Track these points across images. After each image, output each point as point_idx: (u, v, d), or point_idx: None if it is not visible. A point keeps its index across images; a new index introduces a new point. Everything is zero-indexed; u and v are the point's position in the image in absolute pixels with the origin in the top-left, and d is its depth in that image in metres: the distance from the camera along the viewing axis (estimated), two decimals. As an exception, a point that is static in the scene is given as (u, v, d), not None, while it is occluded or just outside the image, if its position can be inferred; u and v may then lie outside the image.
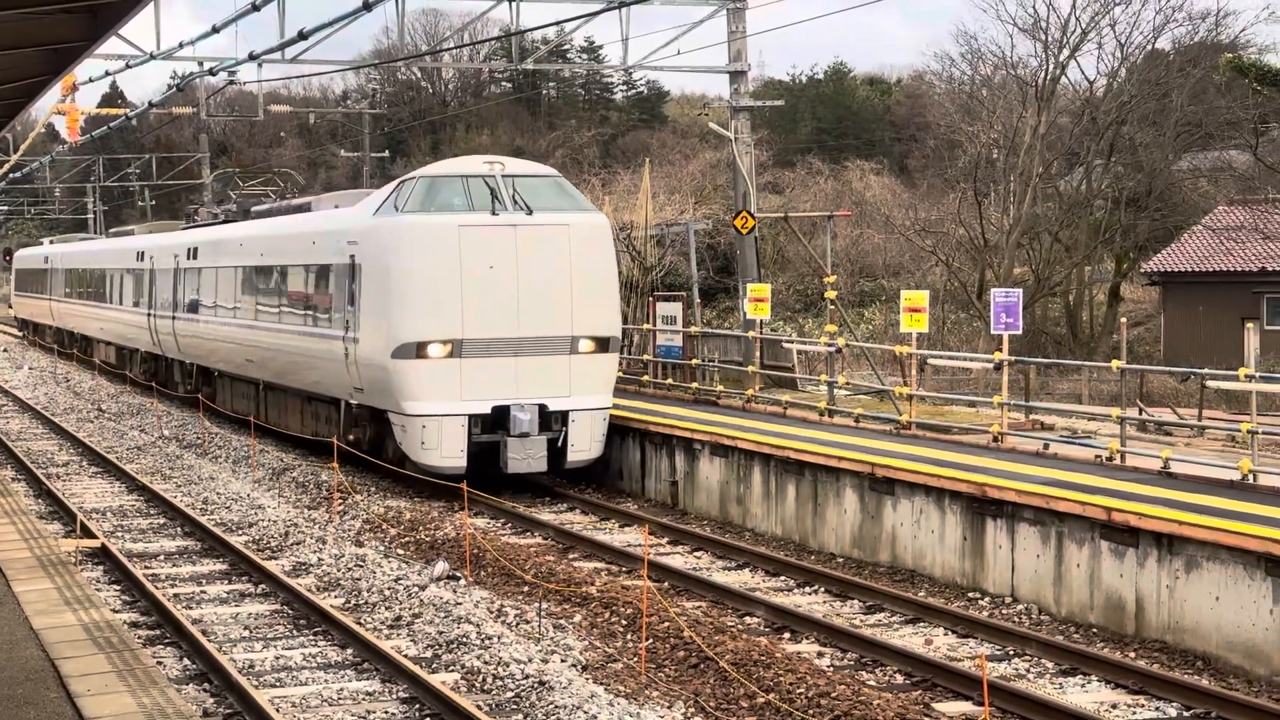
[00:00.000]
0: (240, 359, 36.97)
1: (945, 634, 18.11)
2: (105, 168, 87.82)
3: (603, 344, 27.30)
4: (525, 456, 25.50)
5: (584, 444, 26.67)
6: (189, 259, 41.48)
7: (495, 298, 25.72)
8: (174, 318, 42.51)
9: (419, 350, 25.38)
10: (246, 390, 37.32)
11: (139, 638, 16.05)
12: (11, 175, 76.36)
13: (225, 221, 42.31)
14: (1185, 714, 14.80)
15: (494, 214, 25.83)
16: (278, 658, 16.52)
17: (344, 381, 28.47)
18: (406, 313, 25.85)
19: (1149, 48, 64.66)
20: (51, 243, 73.84)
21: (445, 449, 25.30)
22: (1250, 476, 19.36)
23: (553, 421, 26.25)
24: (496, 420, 25.75)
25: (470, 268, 25.55)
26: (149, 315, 45.29)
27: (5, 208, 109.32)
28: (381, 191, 29.26)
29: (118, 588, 19.80)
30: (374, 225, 27.44)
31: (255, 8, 24.65)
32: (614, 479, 30.08)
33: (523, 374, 26.06)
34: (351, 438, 28.25)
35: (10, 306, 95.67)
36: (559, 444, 26.30)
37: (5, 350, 71.71)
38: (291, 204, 38.27)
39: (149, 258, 46.16)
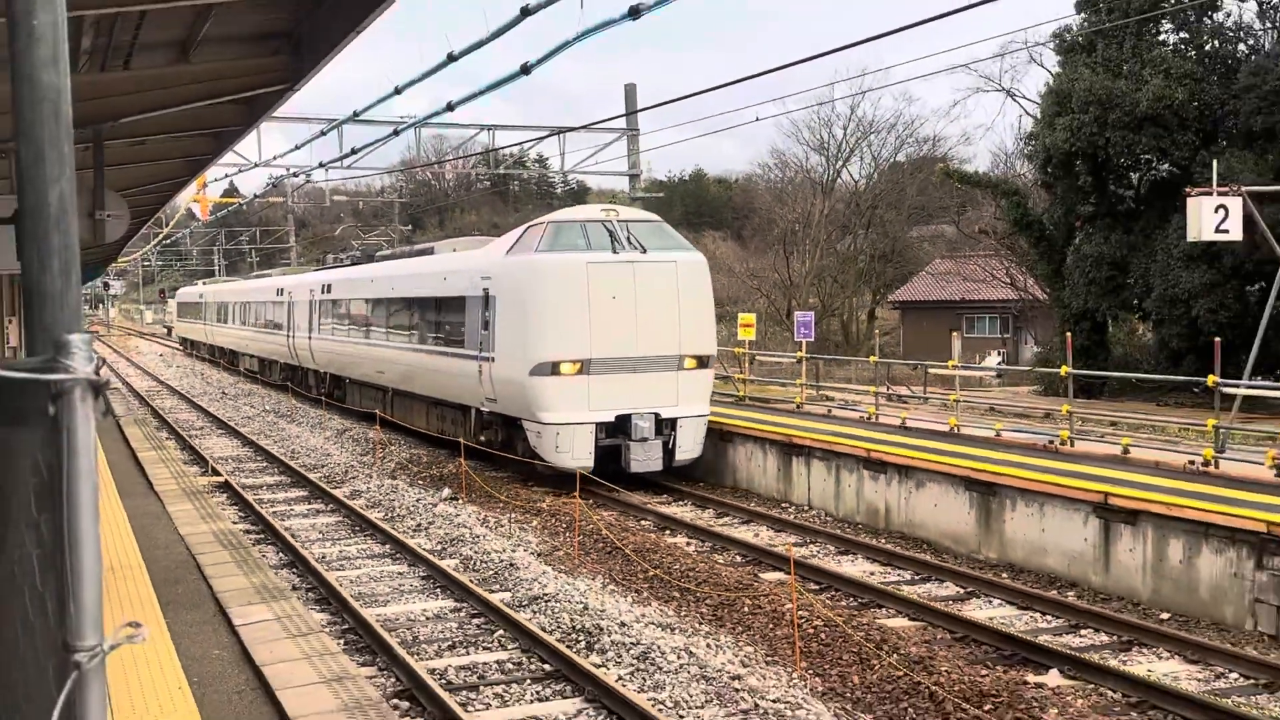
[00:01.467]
0: (372, 370, 30.25)
1: (767, 529, 18.22)
2: (225, 236, 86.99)
3: (703, 361, 21.60)
4: (646, 458, 20.45)
5: (689, 445, 21.30)
6: (323, 293, 34.89)
7: (617, 323, 20.44)
8: (310, 337, 36.04)
9: (554, 369, 20.18)
10: (374, 394, 30.82)
11: (250, 540, 15.96)
12: (164, 242, 75.58)
13: (353, 264, 35.91)
14: (915, 577, 15.04)
15: (615, 252, 20.63)
16: (340, 552, 16.49)
17: (476, 393, 22.64)
18: (543, 337, 20.40)
19: (892, 159, 65.62)
20: (204, 284, 70.30)
21: (576, 452, 20.16)
22: (956, 428, 19.63)
23: (664, 427, 21.09)
24: (618, 426, 20.61)
25: (597, 298, 20.27)
26: (288, 335, 39.15)
27: (160, 262, 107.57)
28: (509, 236, 23.33)
29: (236, 508, 19.61)
30: (508, 263, 21.71)
31: (323, 134, 24.39)
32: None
33: (640, 387, 20.68)
34: (483, 438, 22.85)
35: (165, 328, 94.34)
36: (669, 446, 21.26)
37: (162, 356, 70.52)
38: (414, 249, 31.41)
39: (287, 293, 40.10)
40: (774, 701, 10.04)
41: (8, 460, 2.47)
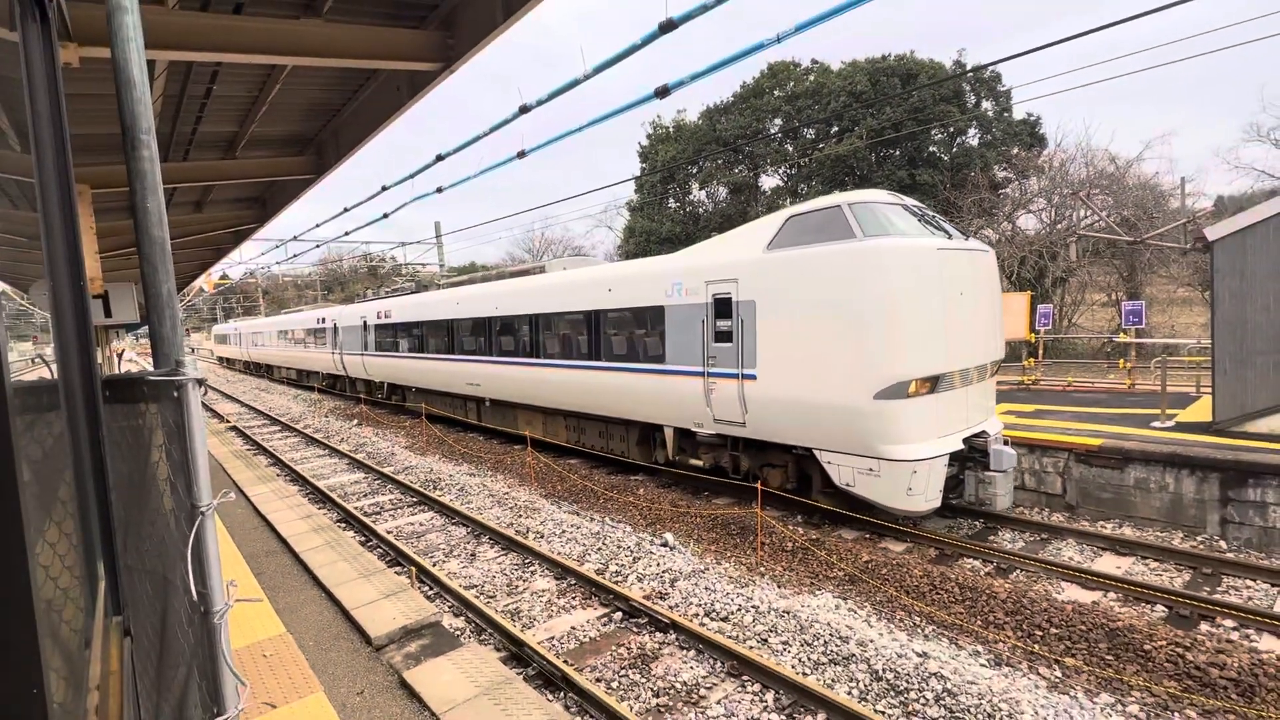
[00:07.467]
0: (460, 382, 17.06)
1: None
2: (225, 301, 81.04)
3: (998, 365, 10.57)
4: (1007, 492, 9.70)
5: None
6: (380, 318, 21.91)
7: (964, 325, 9.44)
8: (363, 354, 23.19)
9: (905, 389, 8.86)
10: (450, 400, 18.71)
11: (250, 453, 16.26)
12: (188, 303, 70.14)
13: (411, 294, 21.50)
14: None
15: (949, 237, 9.60)
16: (302, 455, 16.44)
17: (692, 413, 10.83)
18: (895, 347, 8.79)
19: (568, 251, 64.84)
20: (235, 321, 55.99)
21: (930, 492, 9.04)
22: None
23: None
24: (956, 454, 9.81)
25: (951, 294, 9.18)
26: (333, 353, 26.62)
27: (185, 314, 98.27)
28: (750, 230, 10.49)
29: (242, 439, 19.28)
30: (789, 258, 9.59)
31: (277, 247, 24.71)
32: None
33: (971, 402, 9.72)
34: (697, 460, 11.54)
35: (190, 349, 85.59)
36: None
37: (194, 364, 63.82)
38: (511, 270, 16.73)
39: (331, 321, 27.24)
40: (523, 501, 11.28)
41: (151, 419, 2.66)
